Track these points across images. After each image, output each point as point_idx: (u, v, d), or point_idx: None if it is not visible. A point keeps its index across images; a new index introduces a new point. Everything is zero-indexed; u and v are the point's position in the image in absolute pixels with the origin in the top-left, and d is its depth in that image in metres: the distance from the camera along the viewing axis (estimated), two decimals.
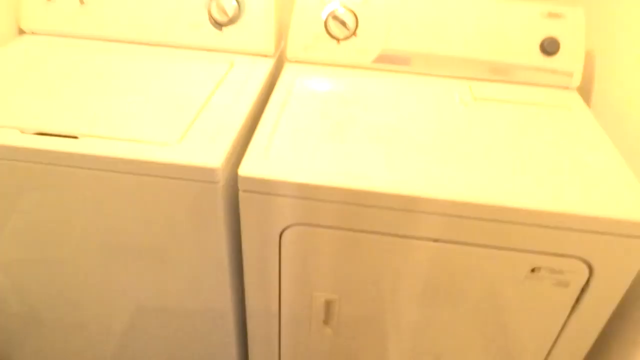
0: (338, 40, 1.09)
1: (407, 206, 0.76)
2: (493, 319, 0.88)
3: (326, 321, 0.93)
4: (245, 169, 0.77)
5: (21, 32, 1.17)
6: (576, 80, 1.07)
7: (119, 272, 0.94)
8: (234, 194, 0.83)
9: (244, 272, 0.88)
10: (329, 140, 0.86)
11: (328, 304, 0.90)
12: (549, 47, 1.06)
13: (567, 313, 0.85)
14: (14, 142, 0.80)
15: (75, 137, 0.81)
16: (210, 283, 0.92)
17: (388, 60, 1.09)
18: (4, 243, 0.94)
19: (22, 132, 0.82)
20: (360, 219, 0.78)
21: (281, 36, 1.16)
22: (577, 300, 0.83)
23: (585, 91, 1.12)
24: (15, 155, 0.81)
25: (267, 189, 0.77)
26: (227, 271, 0.90)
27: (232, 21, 1.11)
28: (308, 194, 0.77)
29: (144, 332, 1.04)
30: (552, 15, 1.07)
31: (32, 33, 1.17)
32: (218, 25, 1.12)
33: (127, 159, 0.78)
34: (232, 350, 1.03)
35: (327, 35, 1.09)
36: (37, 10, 1.15)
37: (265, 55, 1.12)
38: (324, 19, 1.09)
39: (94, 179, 0.81)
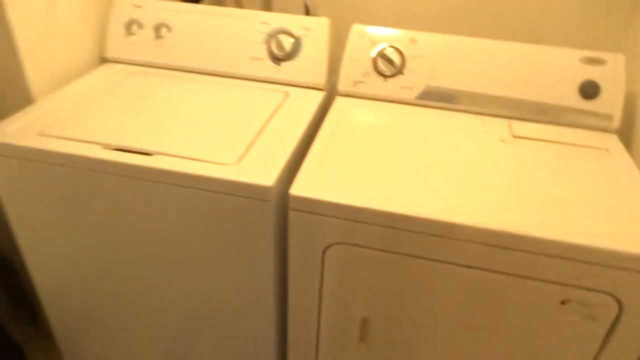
0: (385, 77, 1.18)
1: (443, 232, 0.82)
2: (524, 349, 0.91)
3: (361, 338, 0.99)
4: (297, 190, 0.86)
5: (103, 60, 1.33)
6: (615, 123, 1.10)
7: (174, 278, 1.03)
8: (283, 212, 0.91)
9: (288, 285, 0.95)
10: (373, 167, 0.93)
11: (364, 322, 0.96)
12: (589, 91, 1.10)
13: (597, 348, 0.87)
14: (97, 155, 0.92)
15: (149, 154, 0.92)
16: (256, 295, 1.00)
17: (431, 97, 1.16)
18: (76, 244, 1.06)
19: (104, 147, 0.94)
20: (399, 242, 0.85)
21: (333, 71, 1.26)
22: (607, 335, 0.85)
23: (626, 135, 1.15)
24: (96, 167, 0.93)
25: (314, 208, 0.85)
26: (272, 285, 0.97)
27: (289, 57, 1.22)
28: (351, 215, 0.84)
29: (190, 336, 1.13)
30: (592, 60, 1.11)
31: (114, 62, 1.32)
32: (276, 60, 1.23)
33: (191, 175, 0.88)
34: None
35: (375, 72, 1.18)
36: (118, 42, 1.30)
37: (318, 89, 1.22)
38: (372, 57, 1.18)
39: (160, 192, 0.92)
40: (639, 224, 0.83)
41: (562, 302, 0.84)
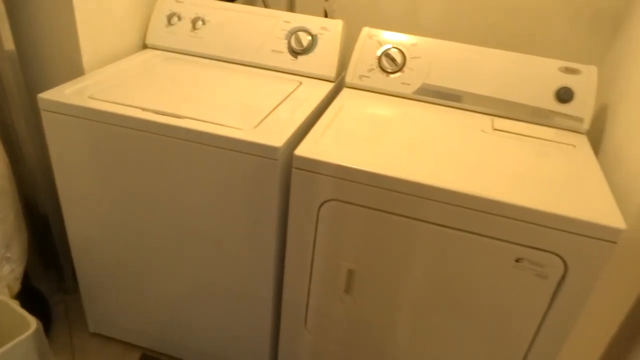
0: (388, 73, 1.35)
1: (419, 192, 0.97)
2: (486, 302, 1.06)
3: (347, 290, 1.14)
4: (300, 151, 1.03)
5: (145, 46, 1.53)
6: (585, 125, 1.25)
7: (193, 229, 1.20)
8: (288, 172, 1.08)
9: (287, 237, 1.12)
10: (367, 142, 1.10)
11: (350, 274, 1.11)
12: (564, 96, 1.26)
13: (547, 305, 1.01)
14: (137, 115, 1.10)
15: (180, 117, 1.10)
16: (260, 245, 1.16)
17: (426, 93, 1.33)
18: (109, 200, 1.23)
19: (143, 110, 1.13)
20: (382, 200, 1.01)
21: (343, 66, 1.44)
22: (555, 292, 0.99)
23: (597, 139, 1.30)
24: (135, 125, 1.11)
25: (313, 167, 1.02)
26: (274, 237, 1.13)
27: (305, 51, 1.40)
28: (344, 174, 1.00)
29: (203, 285, 1.29)
30: (569, 70, 1.28)
31: (154, 48, 1.51)
32: (294, 53, 1.41)
33: (215, 135, 1.06)
34: (268, 308, 1.25)
35: (379, 69, 1.36)
36: (159, 31, 1.50)
37: (328, 80, 1.40)
38: (378, 56, 1.35)
39: (187, 150, 1.09)
40: (587, 199, 0.97)
41: (517, 260, 0.98)
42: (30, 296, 1.46)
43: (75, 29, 1.27)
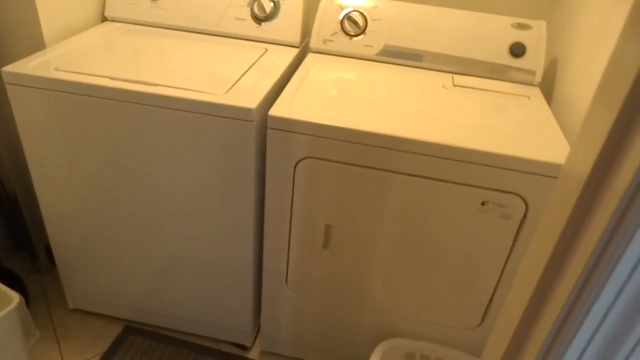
0: (350, 36, 1.39)
1: (389, 144, 1.03)
2: (455, 245, 1.13)
3: (325, 245, 1.20)
4: (274, 111, 1.06)
5: (104, 19, 1.50)
6: (538, 78, 1.34)
7: (170, 199, 1.22)
8: (263, 132, 1.11)
9: (265, 196, 1.16)
10: (337, 101, 1.15)
11: (328, 229, 1.17)
12: (517, 50, 1.34)
13: (511, 243, 1.10)
14: (107, 84, 1.10)
15: (151, 85, 1.11)
16: (239, 209, 1.19)
17: (389, 54, 1.38)
18: (82, 174, 1.23)
19: (111, 79, 1.13)
20: (355, 154, 1.06)
21: (306, 32, 1.47)
22: (518, 231, 1.08)
23: (549, 90, 1.39)
24: (106, 94, 1.11)
25: (288, 126, 1.06)
26: (252, 199, 1.17)
27: (269, 18, 1.42)
28: (317, 132, 1.05)
29: (180, 253, 1.31)
30: (520, 25, 1.35)
31: (112, 20, 1.49)
32: (258, 20, 1.43)
33: (190, 100, 1.07)
34: (249, 270, 1.29)
35: (342, 32, 1.39)
36: (118, 3, 1.48)
37: (293, 46, 1.43)
38: (340, 19, 1.39)
39: (161, 117, 1.10)
40: (543, 143, 1.06)
41: (482, 203, 1.06)
42: (4, 277, 1.45)
43: (33, 2, 1.24)
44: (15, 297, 1.13)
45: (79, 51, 1.27)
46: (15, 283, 1.54)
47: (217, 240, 1.26)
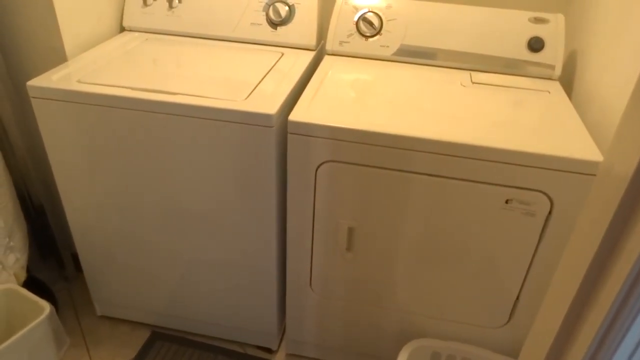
0: (366, 37, 1.39)
1: (410, 145, 1.03)
2: (479, 245, 1.13)
3: (349, 247, 1.20)
4: (294, 116, 1.07)
5: (122, 29, 1.52)
6: (557, 72, 1.32)
7: (193, 208, 1.23)
8: (283, 137, 1.12)
9: (287, 200, 1.16)
10: (355, 103, 1.15)
11: (350, 231, 1.17)
12: (535, 45, 1.32)
13: (536, 241, 1.09)
14: (130, 94, 1.12)
15: (172, 94, 1.12)
16: (260, 210, 1.20)
17: (405, 53, 1.38)
18: (107, 183, 1.25)
19: (133, 90, 1.14)
20: (375, 156, 1.06)
21: (322, 34, 1.47)
22: (544, 228, 1.07)
23: (568, 82, 1.38)
24: (128, 105, 1.12)
25: (308, 131, 1.06)
26: (274, 200, 1.18)
27: (284, 22, 1.43)
28: (338, 135, 1.05)
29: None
30: (537, 20, 1.34)
31: (131, 30, 1.52)
32: (273, 25, 1.44)
33: (210, 107, 1.08)
34: (273, 273, 1.30)
35: (358, 34, 1.39)
36: (136, 13, 1.50)
37: (309, 49, 1.43)
38: (355, 21, 1.39)
39: (183, 125, 1.12)
40: (566, 138, 1.04)
41: (506, 202, 1.05)
42: (32, 286, 1.48)
43: (54, 16, 1.27)
44: (46, 306, 1.16)
45: (100, 62, 1.29)
46: (43, 291, 1.57)
47: (240, 244, 1.27)
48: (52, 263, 1.67)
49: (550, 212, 1.05)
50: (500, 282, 1.17)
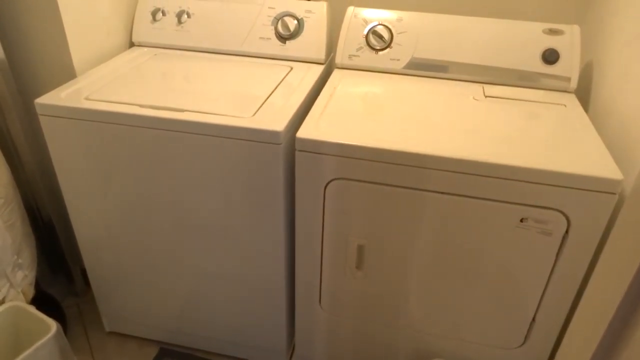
0: (376, 50, 1.37)
1: (420, 163, 1.00)
2: (493, 265, 1.09)
3: (358, 265, 1.17)
4: (302, 133, 1.05)
5: (132, 44, 1.52)
6: (573, 84, 1.29)
7: (199, 224, 1.22)
8: (291, 155, 1.10)
9: (295, 217, 1.14)
10: (365, 119, 1.12)
11: (360, 249, 1.14)
12: (550, 57, 1.29)
13: (552, 261, 1.05)
14: (136, 112, 1.11)
15: (179, 111, 1.11)
16: (269, 227, 1.18)
17: (416, 67, 1.35)
18: (114, 200, 1.24)
19: (140, 107, 1.13)
20: (385, 174, 1.03)
21: (331, 47, 1.45)
22: (560, 248, 1.03)
23: (585, 95, 1.34)
24: (135, 122, 1.11)
25: (316, 148, 1.04)
26: (282, 218, 1.16)
27: (293, 36, 1.42)
28: (346, 152, 1.03)
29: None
30: (552, 31, 1.30)
31: (140, 45, 1.51)
32: (282, 39, 1.42)
33: (217, 125, 1.07)
34: (282, 291, 1.28)
35: (367, 47, 1.37)
36: (145, 28, 1.50)
37: (318, 63, 1.41)
38: (365, 34, 1.37)
39: (190, 142, 1.10)
40: (583, 154, 1.01)
41: (521, 220, 1.02)
42: (42, 301, 1.47)
43: (63, 33, 1.27)
44: (52, 325, 1.15)
45: (108, 78, 1.29)
46: (53, 307, 1.56)
47: (249, 261, 1.25)
48: (62, 278, 1.67)
49: (567, 231, 1.01)
50: (516, 302, 1.13)
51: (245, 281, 1.29)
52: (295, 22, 1.41)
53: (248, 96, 1.21)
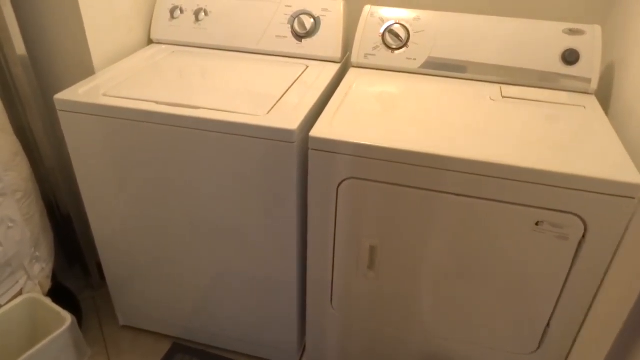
0: (393, 50, 1.36)
1: (435, 164, 0.99)
2: (508, 269, 1.08)
3: (370, 266, 1.16)
4: (316, 132, 1.04)
5: (150, 42, 1.54)
6: (593, 86, 1.26)
7: (214, 220, 1.22)
8: (305, 154, 1.09)
9: (308, 216, 1.14)
10: (379, 118, 1.12)
11: (372, 250, 1.14)
12: (570, 57, 1.26)
13: (568, 266, 1.03)
14: (153, 108, 1.12)
15: (195, 108, 1.12)
16: (281, 225, 1.18)
17: (433, 66, 1.34)
18: (131, 195, 1.26)
19: (157, 104, 1.14)
20: (399, 174, 1.02)
21: (347, 46, 1.45)
22: (577, 253, 1.01)
23: (605, 96, 1.31)
24: (152, 119, 1.12)
25: (330, 147, 1.04)
26: (295, 216, 1.16)
27: (309, 34, 1.41)
28: (360, 152, 1.02)
29: (225, 276, 1.32)
30: (572, 31, 1.28)
31: (158, 42, 1.53)
32: (298, 37, 1.42)
33: (232, 123, 1.07)
34: (294, 290, 1.28)
35: (384, 46, 1.36)
36: (163, 26, 1.51)
37: (334, 62, 1.41)
38: (381, 33, 1.36)
39: (205, 140, 1.11)
40: (602, 157, 0.99)
41: (537, 224, 1.00)
42: (59, 294, 1.50)
43: (83, 30, 1.28)
44: (67, 317, 1.16)
45: (126, 75, 1.30)
46: (69, 299, 1.59)
47: (261, 259, 1.26)
48: (79, 271, 1.69)
49: (583, 236, 0.99)
50: (530, 307, 1.11)
51: (257, 279, 1.29)
52: (312, 20, 1.41)
53: (263, 94, 1.21)
